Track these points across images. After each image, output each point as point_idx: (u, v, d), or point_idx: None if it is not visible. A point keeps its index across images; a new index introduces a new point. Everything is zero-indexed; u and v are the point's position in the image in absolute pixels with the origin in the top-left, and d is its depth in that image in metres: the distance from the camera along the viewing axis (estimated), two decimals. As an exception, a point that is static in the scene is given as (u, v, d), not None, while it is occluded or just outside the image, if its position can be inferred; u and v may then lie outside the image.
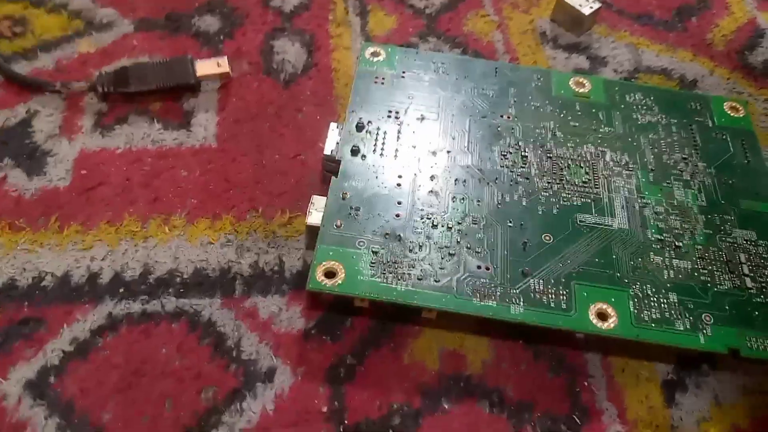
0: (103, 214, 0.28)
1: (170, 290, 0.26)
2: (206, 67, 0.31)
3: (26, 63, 0.33)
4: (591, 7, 0.35)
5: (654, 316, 0.24)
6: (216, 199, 0.28)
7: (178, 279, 0.26)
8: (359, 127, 0.28)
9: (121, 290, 0.26)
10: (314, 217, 0.25)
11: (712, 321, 0.24)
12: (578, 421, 0.24)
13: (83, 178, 0.29)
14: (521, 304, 0.24)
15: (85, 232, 0.27)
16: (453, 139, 0.28)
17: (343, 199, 0.26)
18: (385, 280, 0.24)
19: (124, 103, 0.31)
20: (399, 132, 0.28)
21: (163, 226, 0.27)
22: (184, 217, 0.28)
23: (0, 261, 0.26)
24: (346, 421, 0.23)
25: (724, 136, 0.30)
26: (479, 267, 0.24)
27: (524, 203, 0.27)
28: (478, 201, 0.26)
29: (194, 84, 0.31)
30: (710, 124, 0.30)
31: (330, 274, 0.24)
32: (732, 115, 0.31)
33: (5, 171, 0.29)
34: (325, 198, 0.26)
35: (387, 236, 0.25)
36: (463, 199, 0.26)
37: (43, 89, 0.31)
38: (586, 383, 0.25)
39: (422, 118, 0.29)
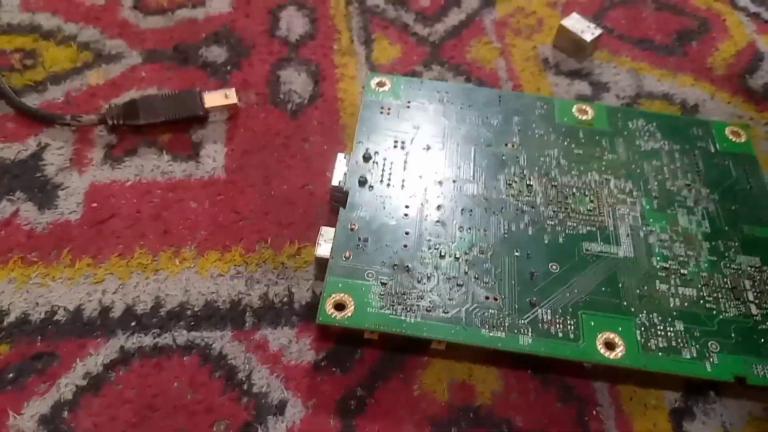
0: (114, 247, 0.28)
1: (181, 323, 0.26)
2: (214, 98, 0.32)
3: (37, 95, 0.33)
4: (593, 33, 0.35)
5: (661, 345, 0.24)
6: (225, 230, 0.29)
7: (188, 312, 0.26)
8: (366, 158, 0.29)
9: (133, 324, 0.26)
10: (323, 249, 0.26)
11: (718, 349, 0.24)
12: (588, 450, 0.24)
13: (94, 211, 0.29)
14: (529, 334, 0.24)
15: (97, 265, 0.27)
16: (458, 168, 0.29)
17: (352, 230, 0.26)
18: (394, 312, 0.24)
19: (133, 135, 0.32)
20: (405, 162, 0.29)
21: (173, 259, 0.28)
22: (194, 249, 0.28)
23: (13, 295, 0.27)
24: (357, 454, 0.23)
25: (726, 162, 0.30)
26: (487, 297, 0.25)
27: (530, 232, 0.27)
28: (485, 230, 0.27)
29: (202, 115, 0.32)
30: (712, 150, 0.31)
31: (339, 306, 0.24)
32: (734, 140, 0.31)
33: (17, 204, 0.29)
34: (333, 229, 0.26)
35: (395, 267, 0.25)
36: (469, 228, 0.27)
37: (54, 122, 0.32)
38: (594, 412, 0.25)
39: (428, 148, 0.30)
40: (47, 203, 0.29)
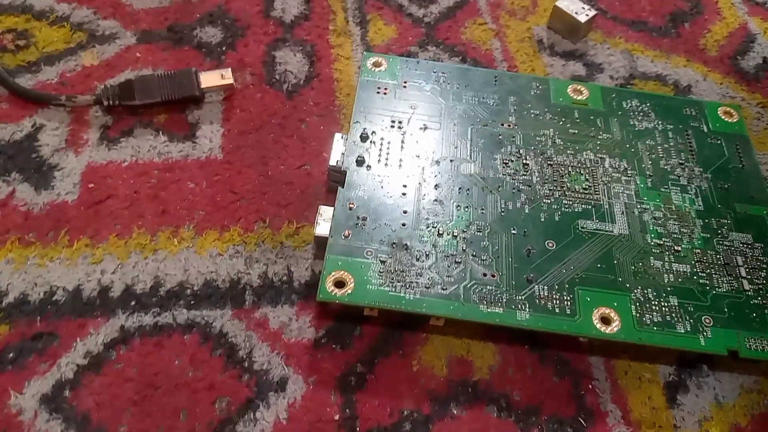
0: (112, 228, 0.28)
1: (181, 302, 0.26)
2: (211, 79, 0.32)
3: (30, 76, 0.33)
4: (587, 15, 0.36)
5: (656, 320, 0.25)
6: (223, 210, 0.29)
7: (188, 291, 0.26)
8: (363, 138, 0.29)
9: (133, 303, 0.26)
10: (322, 228, 0.26)
11: (711, 323, 0.25)
12: (584, 423, 0.24)
13: (91, 192, 0.29)
14: (527, 310, 0.24)
15: (95, 245, 0.27)
16: (455, 148, 0.29)
17: (350, 209, 0.26)
18: (393, 289, 0.24)
19: (129, 116, 0.32)
20: (402, 142, 0.29)
21: (172, 239, 0.28)
22: (192, 229, 0.28)
23: (11, 276, 0.27)
24: (358, 429, 0.23)
25: (718, 141, 0.31)
26: (485, 274, 0.25)
27: (527, 210, 0.27)
28: (482, 209, 0.27)
29: (198, 96, 0.32)
30: (705, 130, 0.31)
31: (339, 284, 0.24)
32: (726, 120, 0.32)
33: (13, 185, 0.29)
34: (332, 208, 0.26)
35: (394, 245, 0.25)
36: (467, 207, 0.27)
37: (49, 103, 0.32)
38: (590, 386, 0.25)
39: (425, 128, 0.30)
40: (43, 184, 0.29)
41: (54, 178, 0.29)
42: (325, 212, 0.26)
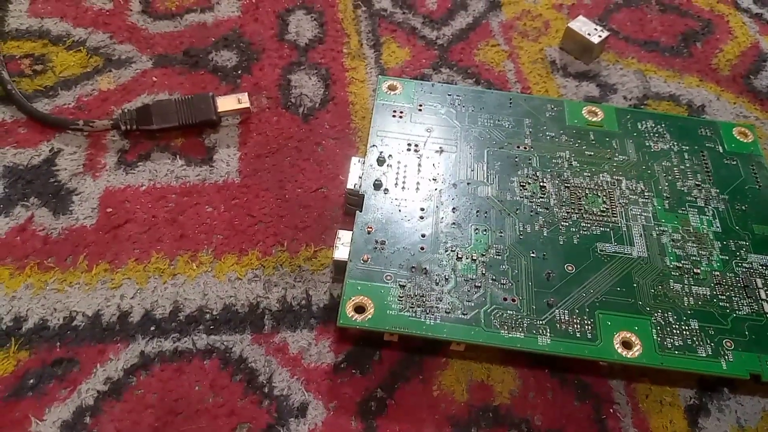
0: (131, 252, 0.28)
1: (200, 327, 0.26)
2: (227, 103, 0.32)
3: (48, 101, 0.33)
4: (600, 36, 0.36)
5: (677, 343, 0.24)
6: (241, 234, 0.29)
7: (207, 316, 0.26)
8: (380, 161, 0.29)
9: (152, 328, 0.26)
10: (341, 252, 0.26)
11: (732, 347, 0.24)
12: (606, 449, 0.24)
13: (109, 216, 0.29)
14: (548, 334, 0.24)
15: (114, 270, 0.28)
16: (472, 170, 0.29)
17: (368, 233, 0.26)
18: (413, 314, 0.24)
19: (146, 140, 0.32)
20: (419, 165, 0.29)
21: (190, 263, 0.28)
22: (211, 253, 0.28)
23: (30, 301, 0.27)
24: (380, 455, 0.23)
25: (734, 162, 0.31)
26: (505, 299, 0.25)
27: (545, 233, 0.27)
28: (501, 232, 0.27)
29: (216, 120, 0.32)
30: (721, 150, 0.31)
31: (359, 309, 0.24)
32: (741, 140, 0.32)
33: (31, 210, 0.29)
34: (350, 232, 0.27)
35: (413, 270, 0.25)
36: (485, 230, 0.27)
37: (66, 127, 0.32)
38: (611, 410, 0.25)
39: (441, 151, 0.30)
40: (62, 209, 0.29)
41: (72, 203, 0.30)
42: (344, 236, 0.26)
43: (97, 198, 0.30)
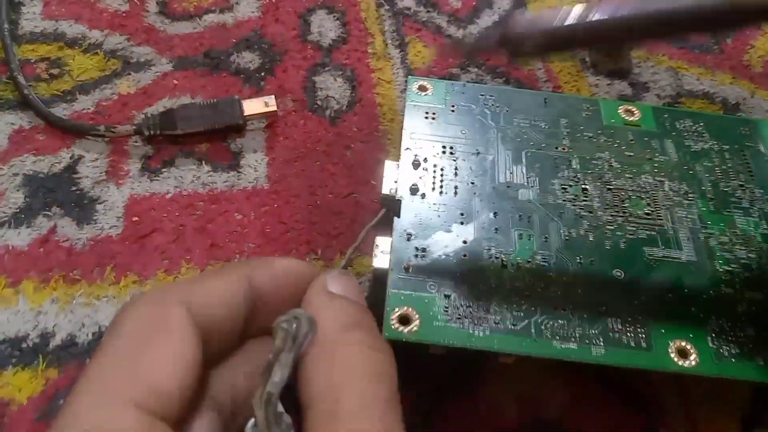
0: (160, 263, 0.27)
1: (236, 341, 0.25)
2: (254, 106, 0.31)
3: (66, 106, 0.32)
4: (631, 33, 0.35)
5: (734, 351, 0.24)
6: (274, 242, 0.28)
7: (243, 328, 0.25)
8: (415, 165, 0.28)
9: (187, 342, 0.25)
10: (381, 260, 0.25)
11: (790, 354, 0.24)
12: (663, 462, 0.23)
13: (135, 226, 0.28)
14: (601, 344, 0.23)
15: (143, 282, 0.27)
16: (511, 173, 0.28)
17: (408, 239, 0.25)
18: (462, 326, 0.23)
19: (170, 145, 0.31)
20: (456, 168, 0.28)
21: (222, 274, 0.27)
22: (243, 263, 0.27)
23: (57, 316, 0.26)
24: (430, 473, 0.22)
25: (776, 160, 0.30)
26: (555, 308, 0.24)
27: (591, 238, 0.26)
28: (545, 237, 0.26)
29: (241, 124, 0.31)
30: (762, 149, 0.30)
31: (404, 320, 0.23)
32: (782, 138, 0.31)
33: (54, 220, 0.28)
34: (389, 239, 0.26)
35: (457, 278, 0.24)
36: (529, 236, 0.26)
37: (86, 133, 0.31)
38: (664, 420, 0.24)
39: (477, 153, 0.29)
40: (85, 218, 0.28)
41: (96, 212, 0.29)
42: (383, 244, 0.25)
43: (121, 206, 0.29)
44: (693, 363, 0.23)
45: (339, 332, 0.16)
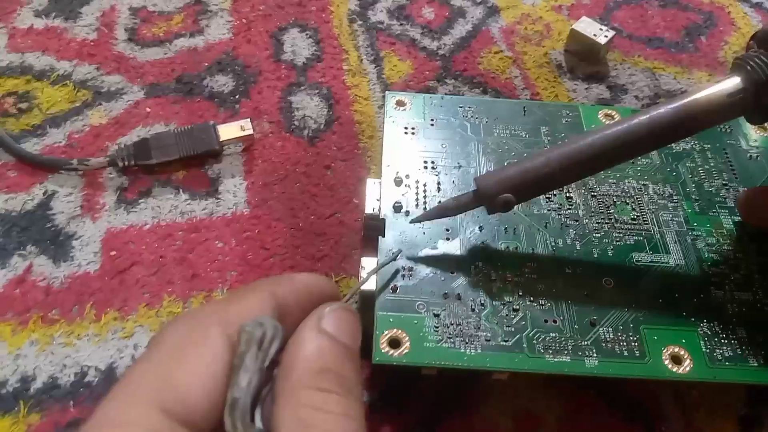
0: (141, 297, 0.26)
1: (224, 373, 0.24)
2: (229, 131, 0.30)
3: (37, 140, 0.31)
4: (605, 36, 0.35)
5: (727, 354, 0.23)
6: (256, 269, 0.27)
7: (230, 360, 0.25)
8: (397, 182, 0.28)
9: (172, 379, 0.24)
10: (369, 283, 0.24)
11: (784, 353, 0.23)
12: (664, 471, 0.23)
13: (114, 260, 0.27)
14: (595, 355, 0.23)
15: (124, 318, 0.26)
16: (494, 185, 0.28)
17: (395, 259, 0.25)
18: (452, 345, 0.23)
19: (145, 175, 0.30)
20: (438, 183, 0.28)
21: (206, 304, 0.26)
22: (226, 291, 0.27)
23: (37, 359, 0.25)
24: (429, 499, 0.22)
25: (758, 157, 0.30)
26: (546, 321, 0.24)
27: (578, 247, 0.26)
28: (532, 248, 0.26)
29: (218, 149, 0.30)
30: (743, 146, 0.30)
31: (394, 343, 0.23)
32: (761, 134, 0.31)
33: (29, 259, 0.27)
34: (374, 260, 0.25)
35: (446, 296, 0.24)
36: (516, 248, 0.26)
37: (60, 168, 0.30)
38: (663, 428, 0.24)
39: (459, 166, 0.29)
40: (62, 255, 0.28)
41: (72, 248, 0.28)
42: (368, 265, 0.25)
43: (98, 241, 0.28)
44: (687, 369, 0.23)
45: (311, 376, 0.15)
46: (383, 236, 0.26)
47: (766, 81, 0.21)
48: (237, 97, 0.33)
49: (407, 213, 0.27)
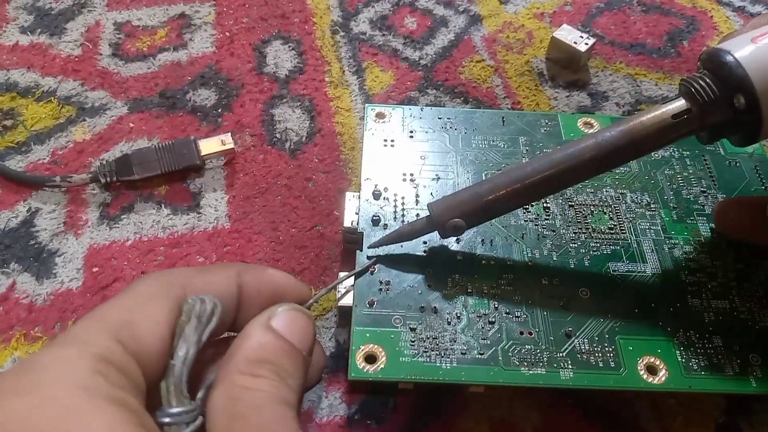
0: (122, 313, 0.27)
1: (203, 389, 0.25)
2: (210, 145, 0.30)
3: (21, 157, 0.32)
4: (586, 43, 0.35)
5: (702, 363, 0.23)
6: (237, 284, 0.27)
7: (209, 376, 0.25)
8: (376, 195, 0.28)
9: (152, 395, 0.24)
10: (345, 298, 0.25)
11: (759, 361, 0.24)
12: (641, 481, 0.23)
13: (96, 276, 0.28)
14: (570, 367, 0.23)
15: (106, 334, 0.26)
16: (472, 197, 0.28)
17: (371, 273, 0.25)
18: (428, 359, 0.23)
19: (128, 190, 0.31)
20: (417, 195, 0.28)
21: (186, 320, 0.26)
22: (206, 307, 0.27)
23: (19, 376, 0.25)
24: None
25: (737, 164, 0.30)
26: (522, 333, 0.24)
27: (555, 258, 0.26)
28: (509, 260, 0.26)
29: (199, 164, 0.30)
30: (722, 152, 0.30)
31: (370, 358, 0.23)
32: (741, 140, 0.31)
33: (12, 277, 0.28)
34: (353, 275, 0.25)
35: (422, 309, 0.24)
36: (492, 260, 0.26)
37: (43, 185, 0.30)
38: (641, 437, 0.24)
39: (437, 178, 0.29)
40: (45, 272, 0.28)
41: (55, 265, 0.28)
42: (346, 279, 0.25)
43: (81, 257, 0.28)
44: (663, 379, 0.23)
45: (247, 363, 0.17)
46: (360, 250, 0.26)
47: (708, 102, 0.22)
48: (219, 110, 0.33)
49: (385, 226, 0.27)
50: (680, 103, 0.22)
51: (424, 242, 0.26)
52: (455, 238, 0.26)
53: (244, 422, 0.15)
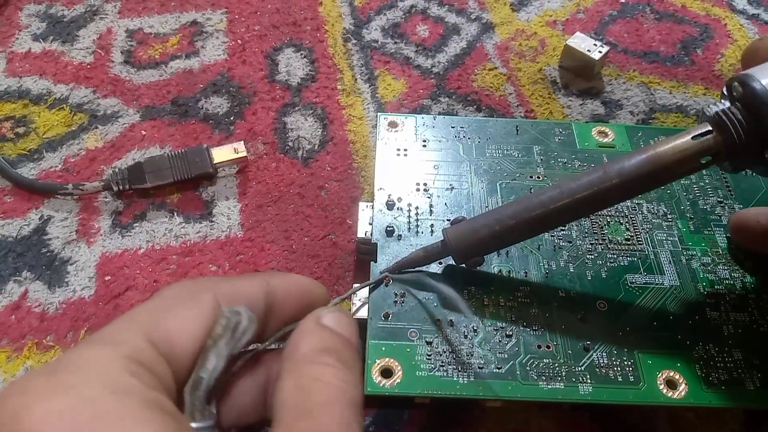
0: (135, 323, 0.26)
1: (217, 401, 0.24)
2: (223, 153, 0.30)
3: (33, 165, 0.32)
4: (600, 51, 0.35)
5: (722, 378, 0.23)
6: (250, 294, 0.27)
7: (223, 387, 0.25)
8: (390, 206, 0.28)
9: (166, 407, 0.24)
10: (360, 311, 0.24)
11: (781, 375, 0.23)
12: (660, 497, 0.23)
13: (108, 285, 0.28)
14: (589, 382, 0.23)
15: (118, 345, 0.26)
16: (486, 207, 0.28)
17: (386, 285, 0.25)
18: (445, 374, 0.23)
19: (140, 198, 0.30)
20: (431, 206, 0.28)
21: (199, 331, 0.26)
22: (220, 317, 0.26)
23: (32, 387, 0.25)
24: None
25: (753, 173, 0.30)
26: (539, 346, 0.23)
27: (572, 269, 0.26)
28: (525, 272, 0.26)
29: (212, 172, 0.30)
30: (738, 162, 0.30)
31: (386, 372, 0.23)
32: (758, 150, 0.30)
33: (25, 285, 0.28)
34: (366, 287, 0.25)
35: (438, 323, 0.24)
36: (509, 271, 0.26)
37: (55, 193, 0.30)
38: (659, 452, 0.24)
39: (451, 188, 0.28)
40: (57, 281, 0.28)
41: (68, 274, 0.28)
42: (361, 291, 0.25)
43: (93, 266, 0.28)
44: (683, 394, 0.23)
45: (313, 353, 0.17)
46: (375, 261, 0.26)
47: (738, 143, 0.21)
48: (232, 118, 0.33)
49: (399, 237, 0.27)
50: (709, 142, 0.22)
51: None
52: (470, 248, 0.26)
53: (312, 422, 0.15)
